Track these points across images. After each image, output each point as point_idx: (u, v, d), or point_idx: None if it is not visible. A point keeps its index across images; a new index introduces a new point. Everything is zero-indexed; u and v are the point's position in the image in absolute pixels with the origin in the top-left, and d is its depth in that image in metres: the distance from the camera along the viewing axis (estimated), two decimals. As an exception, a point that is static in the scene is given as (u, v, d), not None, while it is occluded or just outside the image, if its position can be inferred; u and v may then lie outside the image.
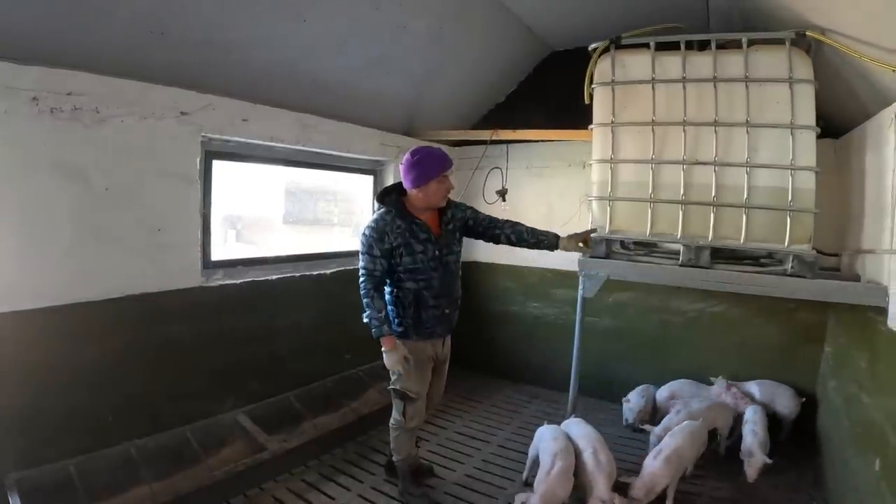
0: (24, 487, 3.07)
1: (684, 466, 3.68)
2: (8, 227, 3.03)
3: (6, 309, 3.03)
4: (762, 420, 4.12)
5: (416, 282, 3.47)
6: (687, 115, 3.59)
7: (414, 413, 3.64)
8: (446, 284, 3.56)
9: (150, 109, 3.56)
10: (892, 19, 2.59)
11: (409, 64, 4.96)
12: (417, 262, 3.44)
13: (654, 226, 3.69)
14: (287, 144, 4.50)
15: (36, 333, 3.18)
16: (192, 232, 3.91)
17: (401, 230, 3.42)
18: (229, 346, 4.21)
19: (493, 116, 6.30)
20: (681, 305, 5.28)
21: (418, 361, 3.54)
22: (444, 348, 3.75)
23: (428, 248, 3.46)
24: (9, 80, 2.91)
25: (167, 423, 3.84)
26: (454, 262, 3.63)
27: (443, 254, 3.52)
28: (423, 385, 3.64)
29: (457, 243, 3.68)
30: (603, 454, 3.46)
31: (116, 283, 3.51)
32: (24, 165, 3.05)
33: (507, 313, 6.35)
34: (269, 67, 4.04)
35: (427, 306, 3.51)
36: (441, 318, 3.58)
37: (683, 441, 3.69)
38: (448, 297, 3.59)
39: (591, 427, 3.78)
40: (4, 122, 2.95)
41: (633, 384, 5.31)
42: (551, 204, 5.82)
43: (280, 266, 4.71)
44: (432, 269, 3.47)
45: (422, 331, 3.54)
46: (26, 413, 3.17)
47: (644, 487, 3.40)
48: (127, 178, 3.51)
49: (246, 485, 3.80)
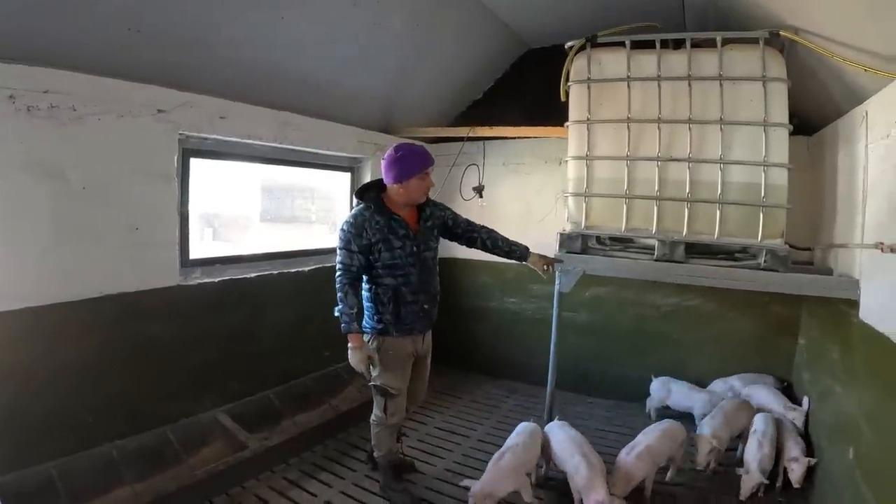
0: (5, 492, 3.04)
1: (658, 463, 3.68)
2: None
3: None
4: (771, 433, 3.83)
5: (395, 277, 3.47)
6: (662, 113, 3.66)
7: (395, 409, 3.65)
8: (424, 280, 3.57)
9: (128, 107, 3.53)
10: (864, 19, 2.65)
11: (387, 61, 4.96)
12: (396, 257, 3.44)
13: (629, 221, 3.75)
14: (265, 142, 4.49)
15: (13, 335, 3.14)
16: (169, 230, 3.88)
17: (379, 226, 3.42)
18: (208, 345, 4.19)
19: (470, 113, 6.33)
20: (656, 300, 5.34)
21: (399, 358, 3.57)
22: (423, 344, 3.75)
23: (406, 244, 3.47)
24: None
25: (148, 423, 3.82)
26: (431, 258, 3.64)
27: (420, 250, 3.53)
28: (404, 381, 3.65)
29: (434, 240, 3.69)
30: (594, 456, 3.47)
31: (94, 282, 3.47)
32: (0, 164, 3.02)
33: (485, 309, 6.37)
34: (248, 65, 4.03)
35: (406, 302, 3.51)
36: (420, 313, 3.58)
37: (656, 439, 3.71)
38: (426, 292, 3.60)
39: (575, 430, 3.78)
40: None
41: (610, 379, 5.41)
42: (528, 200, 5.86)
43: (258, 264, 4.70)
44: (410, 265, 3.48)
45: (401, 327, 3.54)
46: (4, 416, 3.13)
47: (620, 483, 3.43)
48: (104, 177, 3.47)
49: (228, 483, 3.78)
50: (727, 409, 4.13)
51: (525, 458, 3.52)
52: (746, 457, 3.75)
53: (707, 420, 4.04)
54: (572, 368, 4.82)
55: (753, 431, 3.88)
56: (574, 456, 3.47)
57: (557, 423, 3.91)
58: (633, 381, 5.21)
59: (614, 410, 5.23)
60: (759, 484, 3.63)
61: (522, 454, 3.52)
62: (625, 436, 4.25)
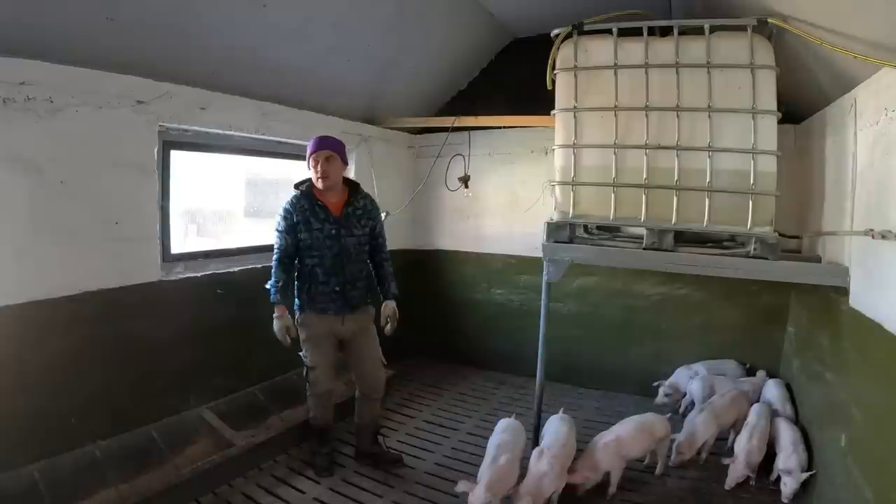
0: None
1: (626, 457, 3.66)
2: None
3: None
4: (762, 426, 3.83)
5: (312, 258, 3.77)
6: (650, 101, 3.60)
7: (314, 380, 3.91)
8: (340, 264, 3.79)
9: (106, 98, 3.47)
10: (852, 6, 2.63)
11: (370, 51, 4.90)
12: (313, 238, 3.73)
13: (617, 210, 3.71)
14: (247, 133, 4.44)
15: None
16: (150, 224, 3.83)
17: (303, 209, 3.74)
18: (192, 341, 4.14)
19: (454, 104, 6.29)
20: (644, 289, 5.33)
21: (314, 335, 3.85)
22: (344, 326, 3.87)
23: (325, 227, 3.74)
24: None
25: (131, 422, 3.78)
26: (354, 244, 3.84)
27: (340, 234, 3.77)
28: (320, 357, 3.88)
29: (359, 228, 3.87)
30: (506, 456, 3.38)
31: (73, 279, 3.41)
32: None
33: (471, 301, 6.35)
34: (228, 54, 3.96)
35: (318, 282, 3.79)
36: (332, 295, 3.79)
37: (629, 431, 3.71)
38: (340, 276, 3.79)
39: (566, 427, 3.73)
40: None
41: (598, 369, 5.42)
42: (514, 191, 5.85)
43: (242, 258, 4.66)
44: (326, 248, 3.75)
45: (314, 306, 3.81)
46: None
47: (583, 469, 3.48)
48: (83, 171, 3.41)
49: (215, 482, 3.73)
50: (717, 406, 4.13)
51: (520, 456, 3.50)
52: (735, 447, 3.77)
53: (692, 418, 4.06)
54: (561, 359, 4.82)
55: (746, 424, 3.88)
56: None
57: (557, 417, 3.87)
58: (622, 371, 5.26)
59: (603, 400, 5.22)
60: (744, 476, 3.63)
61: (518, 453, 3.50)
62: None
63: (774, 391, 4.33)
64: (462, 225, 6.26)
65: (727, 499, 3.63)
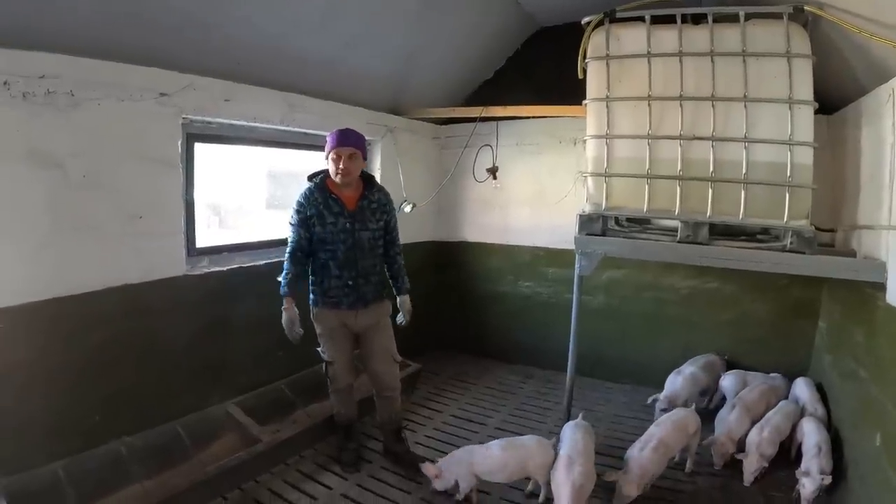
0: (12, 494, 2.96)
1: (670, 456, 3.59)
2: None
3: None
4: (778, 422, 3.80)
5: (325, 252, 3.74)
6: (684, 90, 3.54)
7: (334, 376, 3.93)
8: (353, 258, 3.75)
9: (128, 91, 3.41)
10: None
11: (395, 40, 4.82)
12: (327, 232, 3.70)
13: (651, 202, 3.66)
14: (272, 125, 4.38)
15: (12, 332, 3.03)
16: (174, 218, 3.79)
17: (317, 202, 3.70)
18: (217, 336, 4.12)
19: (480, 94, 6.19)
20: (674, 282, 5.25)
21: (328, 329, 3.85)
22: (357, 320, 3.85)
23: (339, 221, 3.70)
24: None
25: (156, 418, 3.76)
26: (368, 238, 3.81)
27: (355, 228, 3.73)
28: (336, 351, 3.88)
29: (373, 222, 3.84)
30: (579, 465, 3.24)
31: (96, 274, 3.37)
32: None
33: (498, 293, 6.27)
34: (252, 45, 3.89)
35: (331, 276, 3.76)
36: (346, 289, 3.77)
37: (668, 430, 3.62)
38: (353, 269, 3.76)
39: (584, 433, 3.59)
40: None
41: (626, 363, 5.35)
42: (542, 182, 5.76)
43: (267, 251, 4.62)
44: (340, 241, 3.71)
45: (327, 300, 3.80)
46: (7, 417, 3.04)
47: (635, 482, 3.31)
48: (105, 164, 3.36)
49: (241, 478, 3.70)
50: (747, 400, 4.07)
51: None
52: (748, 441, 3.72)
53: (724, 414, 3.99)
54: (589, 353, 4.75)
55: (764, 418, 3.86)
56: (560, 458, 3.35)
57: (573, 423, 3.74)
58: (650, 365, 5.15)
59: (631, 395, 5.13)
60: (760, 468, 3.59)
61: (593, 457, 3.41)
62: (643, 421, 4.20)
63: (804, 389, 4.24)
64: (489, 216, 6.19)
65: (758, 497, 3.56)
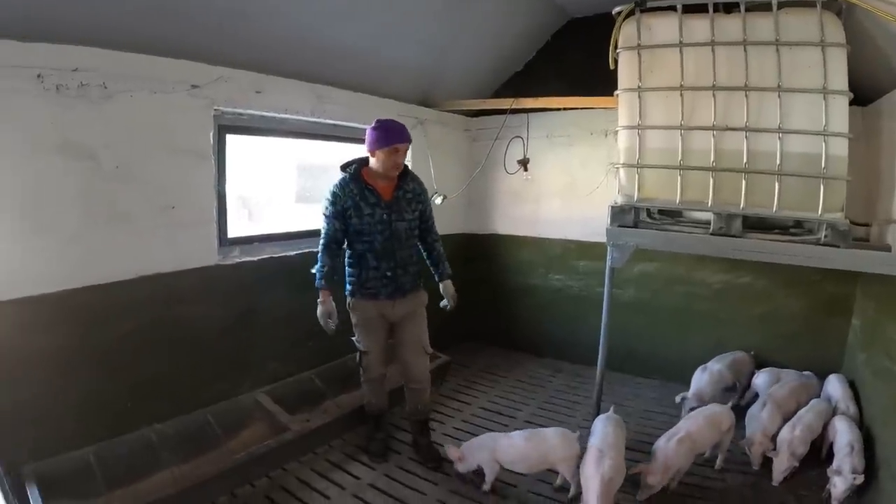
0: (42, 478, 3.02)
1: (697, 451, 3.56)
2: (15, 210, 2.95)
3: (15, 295, 2.96)
4: (810, 420, 3.74)
5: (362, 243, 3.73)
6: (716, 80, 3.48)
7: (367, 366, 3.94)
8: (390, 249, 3.75)
9: (160, 83, 3.47)
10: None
11: (425, 31, 4.82)
12: (364, 223, 3.68)
13: (683, 193, 3.61)
14: (302, 116, 4.41)
15: (46, 319, 3.11)
16: (206, 209, 3.84)
17: (352, 193, 3.68)
18: (248, 325, 4.16)
19: (511, 85, 6.16)
20: (705, 277, 5.18)
21: (365, 319, 3.84)
22: (394, 309, 3.85)
23: (376, 212, 3.69)
24: (12, 59, 2.81)
25: (187, 406, 3.82)
26: (405, 229, 3.81)
27: (391, 218, 3.72)
28: (371, 342, 3.88)
29: (410, 213, 3.83)
30: (609, 458, 3.19)
31: (129, 264, 3.44)
32: (30, 145, 2.97)
33: (528, 286, 6.25)
34: (282, 36, 3.92)
35: (368, 267, 3.76)
36: (383, 280, 3.77)
37: (698, 426, 3.58)
38: (391, 260, 3.76)
39: (616, 427, 3.56)
40: (9, 102, 2.86)
41: (656, 358, 5.31)
42: (573, 174, 5.73)
43: (298, 242, 4.65)
44: (377, 232, 3.70)
45: (365, 291, 3.80)
46: (40, 402, 3.11)
47: (658, 472, 3.31)
48: (138, 156, 3.42)
49: (269, 466, 3.75)
50: (778, 397, 4.01)
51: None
52: (779, 439, 3.64)
53: (756, 412, 3.91)
54: (619, 347, 4.69)
55: (796, 415, 3.79)
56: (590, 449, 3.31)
57: (603, 417, 3.71)
58: (681, 360, 5.07)
59: (661, 391, 5.07)
60: (790, 468, 3.52)
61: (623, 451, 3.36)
62: (673, 417, 4.16)
63: (836, 387, 4.17)
64: (519, 209, 6.17)
65: (787, 496, 3.51)
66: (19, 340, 3.01)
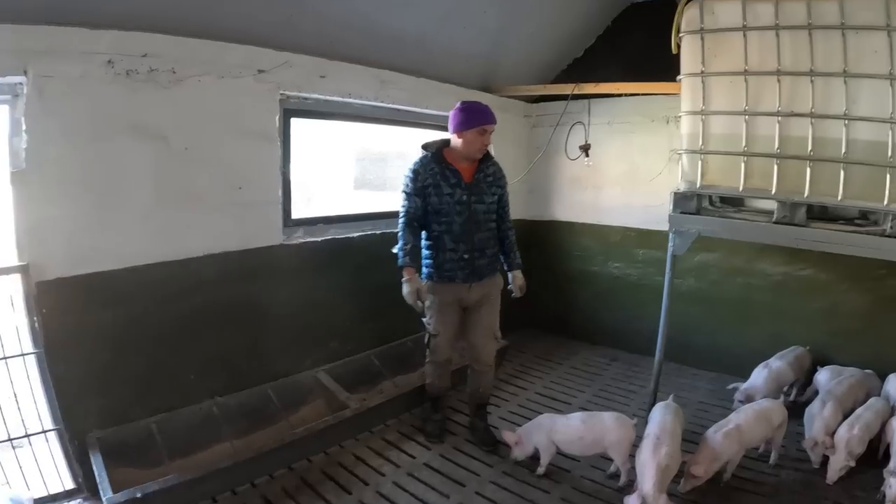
0: (106, 445, 3.14)
1: (747, 445, 3.48)
2: (89, 189, 3.09)
3: (88, 270, 3.10)
4: (867, 417, 3.57)
5: (440, 224, 3.71)
6: (781, 65, 3.41)
7: (434, 348, 3.93)
8: (468, 231, 3.71)
9: (227, 68, 3.56)
10: None
11: (485, 17, 4.83)
12: (443, 203, 3.66)
13: (746, 180, 3.55)
14: (365, 101, 4.48)
15: (116, 293, 3.25)
16: (272, 190, 3.94)
17: (433, 172, 3.67)
18: (310, 304, 4.26)
19: (570, 72, 6.11)
20: (766, 268, 5.02)
21: (440, 303, 3.81)
22: (470, 293, 3.83)
23: (456, 192, 3.67)
24: (82, 46, 2.94)
25: (249, 381, 3.92)
26: (483, 212, 3.77)
27: (471, 200, 3.70)
28: (444, 325, 3.85)
29: (489, 196, 3.80)
30: (666, 445, 3.16)
31: (198, 241, 3.56)
32: (102, 128, 3.10)
33: (586, 273, 6.19)
34: (345, 22, 3.99)
35: (445, 249, 3.72)
36: (460, 262, 3.73)
37: (749, 419, 3.50)
38: (468, 243, 3.72)
39: (674, 415, 3.51)
40: (81, 86, 2.98)
41: (713, 350, 5.21)
42: (634, 161, 5.63)
43: (360, 224, 4.73)
44: (456, 214, 3.67)
45: (442, 273, 3.76)
46: (107, 373, 3.25)
47: (703, 462, 3.24)
48: (206, 138, 3.54)
49: (326, 442, 3.82)
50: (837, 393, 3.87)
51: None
52: (836, 437, 3.50)
53: (816, 410, 3.75)
54: (676, 337, 4.53)
55: (854, 413, 3.65)
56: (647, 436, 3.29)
57: (662, 405, 3.67)
58: (738, 353, 4.97)
59: (717, 384, 4.94)
60: (846, 467, 3.41)
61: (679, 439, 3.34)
62: (728, 410, 4.06)
63: None
64: (580, 195, 6.12)
65: (841, 496, 3.39)
66: (90, 313, 3.16)
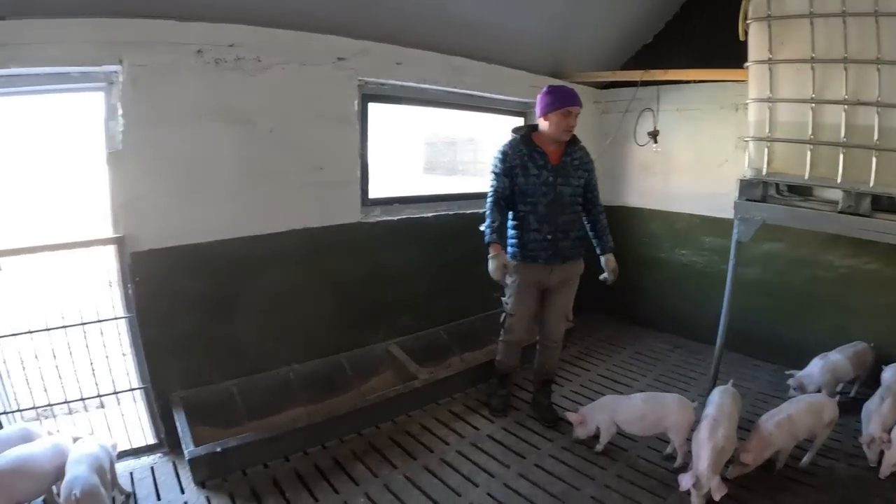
0: (189, 404, 3.43)
1: (798, 437, 3.44)
2: (180, 168, 3.38)
3: (178, 242, 3.40)
4: None
5: (526, 204, 3.73)
6: (848, 52, 3.37)
7: (510, 328, 3.99)
8: (553, 212, 3.73)
9: (309, 56, 3.79)
10: None
11: (554, 4, 4.85)
12: (529, 184, 3.69)
13: (812, 169, 3.54)
14: (439, 87, 4.62)
15: (203, 264, 3.53)
16: (351, 171, 4.16)
17: (521, 153, 3.71)
18: (384, 280, 4.46)
19: (639, 58, 6.07)
20: (832, 260, 4.89)
21: (520, 283, 3.85)
22: (551, 276, 3.85)
23: (542, 174, 3.69)
24: (173, 36, 3.21)
25: (324, 350, 4.16)
26: (569, 194, 3.79)
27: (556, 182, 3.71)
28: (521, 306, 3.91)
29: (575, 178, 3.81)
30: (723, 427, 3.17)
31: (280, 218, 3.82)
32: (192, 112, 3.37)
33: (654, 259, 6.14)
34: (418, 11, 4.13)
35: (529, 230, 3.75)
36: (543, 243, 3.75)
37: (801, 411, 3.45)
38: (552, 224, 3.73)
39: (733, 399, 3.51)
40: (172, 73, 3.25)
41: (775, 341, 5.16)
42: (702, 147, 5.56)
43: (435, 205, 4.89)
44: (541, 195, 3.70)
45: (525, 253, 3.78)
46: (192, 338, 3.55)
47: (754, 449, 3.25)
48: (289, 121, 3.77)
49: (395, 411, 3.98)
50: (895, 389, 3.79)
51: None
52: (893, 432, 3.41)
53: (874, 406, 3.67)
54: (738, 327, 4.52)
55: None
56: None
57: (721, 389, 3.66)
58: (800, 346, 4.84)
59: (778, 375, 4.81)
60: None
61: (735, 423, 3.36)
62: (786, 402, 4.07)
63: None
64: (649, 182, 6.07)
65: (891, 492, 3.31)
66: (179, 282, 3.45)
